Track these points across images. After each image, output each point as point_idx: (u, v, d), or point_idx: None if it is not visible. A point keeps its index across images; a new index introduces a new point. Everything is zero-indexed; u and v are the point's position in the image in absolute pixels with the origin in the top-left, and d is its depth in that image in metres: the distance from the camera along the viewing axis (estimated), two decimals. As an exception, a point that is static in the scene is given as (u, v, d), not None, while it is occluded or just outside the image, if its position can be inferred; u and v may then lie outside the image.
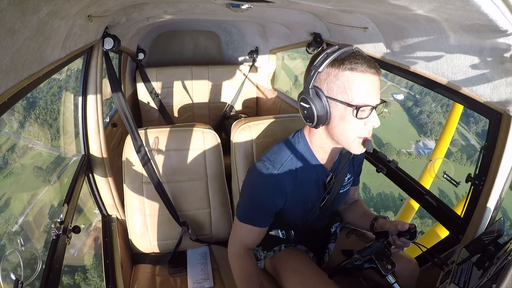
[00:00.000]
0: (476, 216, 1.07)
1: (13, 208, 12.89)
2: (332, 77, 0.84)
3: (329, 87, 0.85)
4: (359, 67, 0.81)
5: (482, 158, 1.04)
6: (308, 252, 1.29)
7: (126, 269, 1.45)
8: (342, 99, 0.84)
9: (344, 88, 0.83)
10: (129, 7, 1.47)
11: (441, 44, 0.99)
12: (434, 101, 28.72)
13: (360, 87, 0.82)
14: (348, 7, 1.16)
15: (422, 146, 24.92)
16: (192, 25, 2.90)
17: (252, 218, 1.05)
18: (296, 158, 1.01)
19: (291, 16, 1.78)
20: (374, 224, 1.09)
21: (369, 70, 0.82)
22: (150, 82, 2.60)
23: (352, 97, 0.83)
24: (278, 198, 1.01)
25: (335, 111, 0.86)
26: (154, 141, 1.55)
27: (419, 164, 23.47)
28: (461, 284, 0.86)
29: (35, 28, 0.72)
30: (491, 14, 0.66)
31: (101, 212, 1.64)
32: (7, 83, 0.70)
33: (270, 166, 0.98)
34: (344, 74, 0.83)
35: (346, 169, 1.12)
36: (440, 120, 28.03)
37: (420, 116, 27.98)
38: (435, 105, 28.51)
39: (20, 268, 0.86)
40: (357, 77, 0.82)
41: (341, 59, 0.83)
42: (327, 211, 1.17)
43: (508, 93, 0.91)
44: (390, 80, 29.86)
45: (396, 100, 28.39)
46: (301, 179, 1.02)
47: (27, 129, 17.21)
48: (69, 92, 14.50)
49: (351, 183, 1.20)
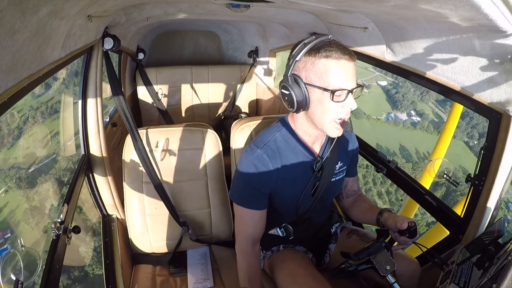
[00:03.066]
0: (476, 216, 1.07)
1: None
2: (309, 65, 0.92)
3: (307, 74, 0.93)
4: (333, 54, 0.89)
5: (482, 158, 1.04)
6: (307, 253, 1.28)
7: (126, 269, 1.45)
8: (319, 84, 0.91)
9: (320, 74, 0.91)
10: (129, 7, 1.47)
11: (441, 44, 0.99)
12: (412, 87, 34.35)
13: (335, 73, 0.90)
14: (348, 7, 1.16)
15: (392, 116, 32.85)
16: (192, 25, 2.90)
17: (246, 200, 1.08)
18: (280, 139, 1.07)
19: (291, 16, 1.78)
20: (379, 218, 1.09)
21: (343, 56, 0.89)
22: (150, 82, 2.60)
23: (328, 82, 0.90)
24: (265, 176, 1.04)
25: (313, 96, 0.94)
26: (154, 141, 1.55)
27: (381, 125, 31.04)
28: (461, 284, 0.86)
29: (35, 28, 0.72)
30: (491, 14, 0.66)
31: (101, 212, 1.64)
32: (7, 83, 0.70)
33: (254, 147, 1.06)
34: (320, 61, 0.90)
35: (335, 156, 1.14)
36: (413, 99, 33.37)
37: (396, 95, 35.03)
38: (414, 90, 34.23)
39: (20, 268, 0.86)
40: (332, 64, 0.90)
41: (317, 48, 0.91)
42: (322, 201, 1.17)
43: (508, 93, 0.91)
44: (378, 71, 35.70)
45: (379, 85, 34.97)
46: (286, 159, 1.06)
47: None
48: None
49: (344, 172, 1.21)
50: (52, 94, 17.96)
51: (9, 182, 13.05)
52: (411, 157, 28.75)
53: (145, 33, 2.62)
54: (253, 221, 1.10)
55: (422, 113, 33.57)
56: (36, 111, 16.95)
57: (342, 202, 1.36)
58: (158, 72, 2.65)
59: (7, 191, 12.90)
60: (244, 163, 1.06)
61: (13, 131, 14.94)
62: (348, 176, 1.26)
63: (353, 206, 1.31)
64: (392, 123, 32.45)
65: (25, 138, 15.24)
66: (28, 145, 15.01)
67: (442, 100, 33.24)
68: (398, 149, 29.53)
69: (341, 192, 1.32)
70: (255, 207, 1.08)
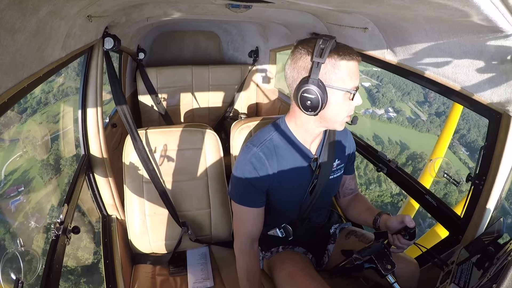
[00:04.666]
0: (476, 216, 1.07)
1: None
2: (330, 67, 0.92)
3: (327, 76, 0.93)
4: (348, 55, 0.91)
5: (482, 158, 1.04)
6: (307, 253, 1.28)
7: (126, 269, 1.45)
8: (341, 86, 0.93)
9: (342, 76, 0.92)
10: (129, 7, 1.47)
11: (441, 44, 1.00)
12: (395, 87, 37.39)
13: (353, 74, 0.93)
14: (348, 7, 1.16)
15: (370, 111, 35.44)
16: (192, 25, 2.90)
17: (243, 198, 1.09)
18: (277, 138, 1.09)
19: (291, 16, 1.78)
20: (377, 219, 1.09)
21: (356, 57, 0.93)
22: (150, 82, 2.60)
23: (349, 83, 0.93)
24: (262, 173, 1.05)
25: (333, 98, 0.94)
26: (154, 142, 1.55)
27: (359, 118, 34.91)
28: (461, 284, 0.86)
29: (35, 28, 0.72)
30: (491, 14, 0.66)
31: (101, 212, 1.64)
32: (7, 83, 0.70)
33: (250, 145, 1.07)
34: (341, 63, 0.91)
35: (333, 154, 1.14)
36: (392, 98, 36.48)
37: (376, 94, 37.61)
38: (395, 91, 37.21)
39: (20, 268, 0.86)
40: (351, 65, 0.92)
41: (335, 50, 0.91)
42: (321, 200, 1.17)
43: (508, 93, 0.91)
44: (364, 74, 38.73)
45: (363, 86, 37.39)
46: (283, 157, 1.07)
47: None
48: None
49: (342, 170, 1.21)
50: (62, 81, 19.77)
51: (26, 147, 15.09)
52: (383, 143, 30.53)
53: (145, 33, 2.62)
54: (251, 219, 1.10)
55: (399, 110, 35.68)
56: (47, 94, 19.03)
57: (340, 202, 1.36)
58: (159, 72, 2.65)
59: (22, 156, 15.05)
60: (241, 162, 1.07)
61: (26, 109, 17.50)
62: (345, 174, 1.27)
63: (351, 206, 1.31)
64: (369, 116, 34.44)
65: (39, 115, 17.70)
66: (41, 120, 17.46)
67: (422, 101, 35.34)
68: (372, 136, 31.18)
69: (338, 191, 1.32)
70: (252, 204, 1.09)
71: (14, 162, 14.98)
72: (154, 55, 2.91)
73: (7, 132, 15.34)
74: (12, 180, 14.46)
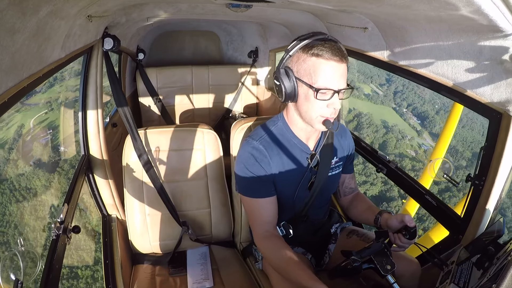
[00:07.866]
0: (476, 216, 1.07)
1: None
2: (301, 61, 0.96)
3: (297, 69, 0.97)
4: (324, 54, 0.92)
5: (482, 158, 1.04)
6: (306, 254, 1.28)
7: (126, 269, 1.45)
8: (307, 81, 0.95)
9: (309, 71, 0.95)
10: (129, 7, 1.47)
11: (441, 44, 0.99)
12: (360, 74, 38.36)
13: (322, 72, 0.93)
14: (348, 7, 1.16)
15: None
16: (192, 25, 2.90)
17: (251, 190, 1.10)
18: (275, 132, 1.12)
19: (291, 16, 1.78)
20: (378, 218, 1.09)
21: (333, 57, 0.92)
22: (150, 82, 2.60)
23: (315, 80, 0.94)
24: (263, 163, 1.07)
25: (301, 90, 0.98)
26: (154, 141, 1.55)
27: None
28: (461, 284, 0.86)
29: (35, 28, 0.72)
30: (491, 14, 0.66)
31: (101, 212, 1.64)
32: (7, 83, 0.70)
33: (250, 139, 1.11)
34: (311, 59, 0.94)
35: (331, 151, 1.16)
36: (353, 79, 40.38)
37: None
38: (358, 75, 38.42)
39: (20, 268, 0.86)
40: (320, 63, 0.93)
41: (310, 45, 0.94)
42: (320, 196, 1.18)
43: (508, 93, 0.91)
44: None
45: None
46: (282, 151, 1.09)
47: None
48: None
49: (340, 167, 1.23)
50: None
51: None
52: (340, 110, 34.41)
53: (145, 33, 2.61)
54: (265, 209, 1.11)
55: (358, 87, 36.96)
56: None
57: (340, 201, 1.36)
58: (158, 72, 2.65)
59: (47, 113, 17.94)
60: (242, 155, 1.10)
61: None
62: (345, 173, 1.28)
63: (351, 206, 1.31)
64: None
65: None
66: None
67: (383, 84, 36.29)
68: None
69: (338, 189, 1.33)
70: (263, 194, 1.09)
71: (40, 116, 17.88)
72: (154, 55, 2.91)
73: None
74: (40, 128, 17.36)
